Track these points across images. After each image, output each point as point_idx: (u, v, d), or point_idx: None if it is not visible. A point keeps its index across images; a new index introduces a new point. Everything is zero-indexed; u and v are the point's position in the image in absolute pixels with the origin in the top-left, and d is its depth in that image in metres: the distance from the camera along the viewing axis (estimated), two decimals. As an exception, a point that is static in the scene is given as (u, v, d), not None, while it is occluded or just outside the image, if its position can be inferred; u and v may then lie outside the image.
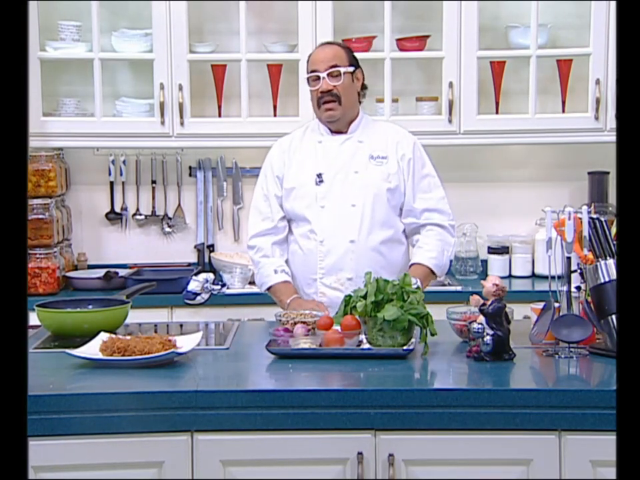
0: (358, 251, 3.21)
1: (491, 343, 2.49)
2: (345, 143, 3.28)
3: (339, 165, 3.25)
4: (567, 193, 4.44)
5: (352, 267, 3.20)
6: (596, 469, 2.23)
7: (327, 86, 3.19)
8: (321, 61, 3.22)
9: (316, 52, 3.31)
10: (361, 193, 3.23)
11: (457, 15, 4.12)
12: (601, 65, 4.11)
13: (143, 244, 4.56)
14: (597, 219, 2.60)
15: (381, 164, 3.26)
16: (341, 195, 3.23)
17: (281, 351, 2.61)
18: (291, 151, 3.32)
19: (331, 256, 3.22)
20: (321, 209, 3.23)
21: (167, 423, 2.25)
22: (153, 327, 3.19)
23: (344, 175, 3.25)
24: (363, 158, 3.26)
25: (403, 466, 2.27)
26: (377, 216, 3.23)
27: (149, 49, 4.22)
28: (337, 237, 3.22)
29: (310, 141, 3.32)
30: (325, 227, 3.22)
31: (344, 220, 3.22)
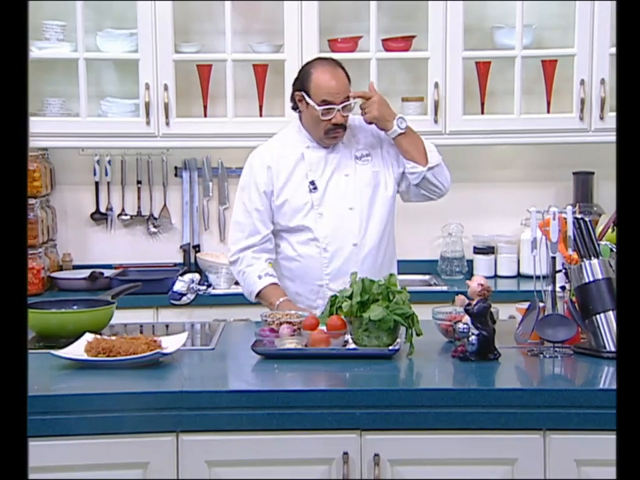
0: (361, 253, 3.22)
1: (476, 343, 2.50)
2: (332, 150, 3.27)
3: (329, 170, 3.25)
4: (552, 193, 4.45)
5: (356, 269, 3.12)
6: (580, 468, 2.24)
7: (341, 119, 3.17)
8: (337, 93, 3.15)
9: (327, 79, 3.17)
10: (355, 195, 3.23)
11: (443, 15, 4.13)
12: (586, 66, 4.12)
13: (128, 244, 4.55)
14: (581, 219, 2.61)
15: (366, 162, 3.27)
16: (337, 200, 3.23)
17: (266, 351, 2.61)
18: (275, 165, 3.25)
19: (336, 261, 3.21)
20: (320, 215, 3.22)
21: (152, 423, 2.25)
22: (138, 328, 3.19)
23: (336, 180, 3.24)
24: (349, 160, 3.26)
25: (388, 466, 2.27)
26: (374, 216, 3.24)
27: (134, 48, 4.21)
28: (340, 242, 3.21)
29: (294, 148, 3.27)
30: (327, 233, 3.21)
31: (344, 224, 3.22)
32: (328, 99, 3.14)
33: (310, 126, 3.24)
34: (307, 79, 3.19)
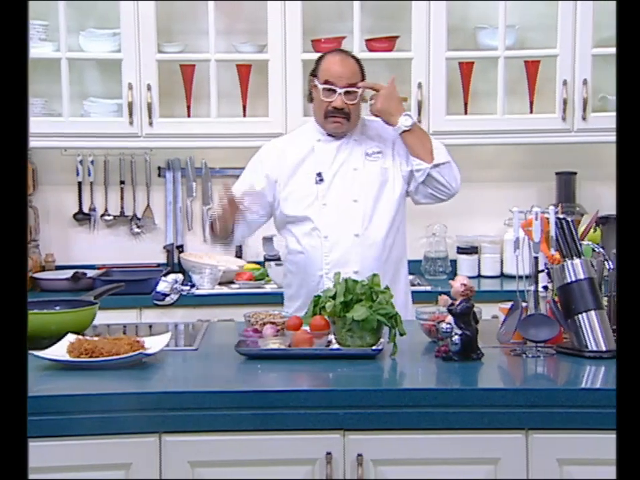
0: (363, 244, 3.23)
1: (459, 343, 2.50)
2: (343, 144, 3.30)
3: (337, 163, 3.28)
4: (535, 193, 4.46)
5: (357, 261, 3.22)
6: (562, 468, 2.25)
7: (341, 104, 3.20)
8: (340, 75, 3.20)
9: (334, 62, 3.25)
10: (361, 189, 3.25)
11: (426, 15, 4.14)
12: (568, 66, 4.14)
13: (111, 244, 4.54)
14: (563, 219, 2.62)
15: (376, 159, 3.29)
16: (342, 192, 3.25)
17: (249, 351, 2.61)
18: (286, 155, 3.31)
19: (336, 251, 3.23)
20: (323, 206, 3.24)
21: (135, 424, 2.24)
22: (121, 328, 3.17)
23: (343, 173, 3.27)
24: (360, 156, 3.29)
25: (371, 466, 2.27)
26: (380, 210, 3.25)
27: (117, 48, 4.20)
28: (341, 232, 3.23)
29: (306, 140, 3.32)
30: (328, 223, 3.23)
31: (347, 215, 3.24)
32: (330, 80, 3.19)
33: (315, 110, 3.29)
34: (318, 63, 3.29)
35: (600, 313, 2.55)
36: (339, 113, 3.21)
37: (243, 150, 4.37)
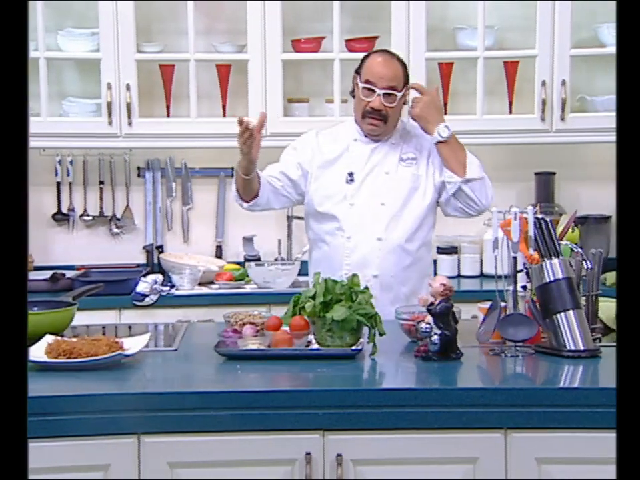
0: (385, 248, 3.23)
1: (439, 343, 2.51)
2: (379, 145, 3.30)
3: (370, 165, 3.28)
4: (514, 194, 4.48)
5: (378, 265, 3.22)
6: (541, 466, 2.25)
7: (380, 105, 3.19)
8: (382, 77, 3.19)
9: (377, 63, 3.23)
10: (390, 193, 3.25)
11: (405, 16, 4.15)
12: (547, 67, 4.16)
13: (90, 245, 4.52)
14: (542, 219, 2.63)
15: (410, 165, 3.29)
16: (371, 194, 3.26)
17: (229, 352, 2.60)
18: (321, 149, 3.32)
19: (357, 252, 3.23)
20: (350, 206, 3.25)
21: (113, 425, 2.23)
22: (100, 329, 3.16)
23: (374, 176, 3.28)
24: (394, 160, 3.29)
25: (351, 466, 2.27)
26: (406, 216, 3.26)
27: (95, 48, 4.18)
28: (364, 234, 3.23)
29: (343, 138, 3.33)
30: (353, 224, 3.24)
31: (372, 217, 3.24)
32: (371, 80, 3.18)
33: (355, 108, 3.29)
34: (363, 62, 3.27)
35: (578, 313, 2.56)
36: (376, 114, 3.20)
37: (222, 150, 4.39)
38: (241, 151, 3.14)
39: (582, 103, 4.33)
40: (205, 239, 4.58)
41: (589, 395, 2.26)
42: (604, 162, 4.54)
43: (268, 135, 4.18)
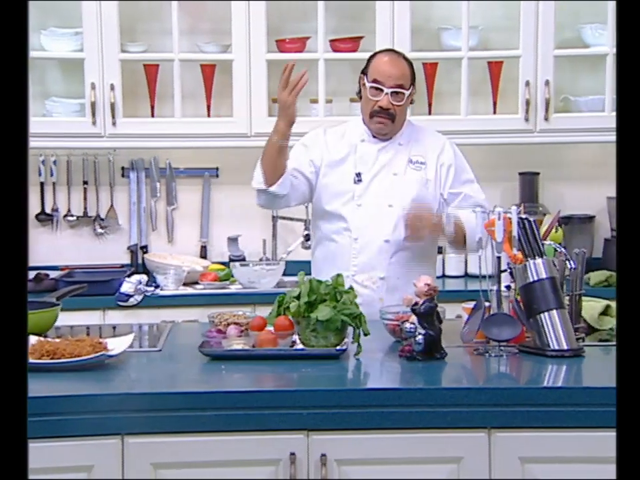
0: (392, 250, 3.22)
1: (423, 343, 2.51)
2: (387, 146, 3.28)
3: (378, 166, 3.26)
4: (498, 193, 4.49)
5: (384, 266, 3.22)
6: (524, 466, 2.26)
7: (387, 104, 3.19)
8: (389, 76, 3.18)
9: (384, 62, 3.23)
10: (398, 194, 3.23)
11: (390, 16, 4.15)
12: (531, 67, 4.18)
13: (74, 245, 4.51)
14: (525, 219, 2.63)
15: (419, 169, 3.27)
16: (378, 195, 3.24)
17: (213, 352, 2.60)
18: (329, 148, 3.29)
19: (364, 254, 3.22)
20: (358, 207, 3.24)
21: (97, 426, 2.23)
22: (85, 330, 3.14)
23: (382, 176, 3.26)
24: (402, 161, 3.27)
25: (335, 466, 2.27)
26: None
27: (79, 48, 4.17)
28: (372, 236, 3.22)
29: (351, 138, 3.31)
30: (360, 225, 3.23)
31: (380, 219, 3.22)
32: (379, 79, 3.18)
33: (362, 108, 3.28)
34: (369, 61, 3.28)
35: (562, 312, 2.57)
36: (384, 113, 3.19)
37: (207, 150, 4.39)
38: (283, 105, 3.07)
39: (565, 103, 4.35)
40: (189, 239, 4.57)
41: (573, 394, 2.27)
42: (588, 162, 4.58)
43: (253, 134, 4.19)
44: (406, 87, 3.21)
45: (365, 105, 3.26)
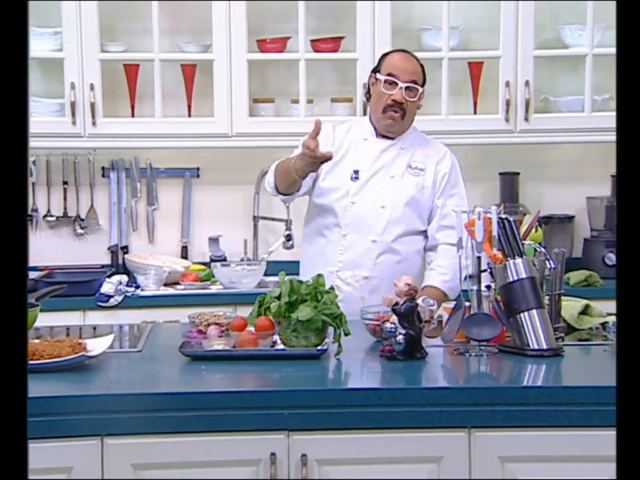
0: (378, 251, 3.23)
1: (403, 342, 2.51)
2: (389, 148, 3.29)
3: (377, 166, 3.27)
4: (479, 194, 4.49)
5: (369, 266, 3.23)
6: (504, 465, 2.26)
7: (401, 98, 3.19)
8: (404, 70, 3.21)
9: (399, 58, 3.27)
10: (392, 197, 3.25)
11: (371, 16, 4.16)
12: (511, 68, 4.19)
13: (54, 246, 4.48)
14: (505, 219, 2.64)
15: (417, 175, 3.28)
16: (373, 195, 3.25)
17: (193, 352, 2.60)
18: (333, 143, 3.28)
19: (351, 251, 3.23)
20: (351, 204, 3.24)
21: (76, 427, 2.21)
22: (64, 330, 3.13)
23: (380, 177, 3.27)
24: (402, 165, 3.28)
25: (315, 466, 2.27)
26: (403, 222, 3.25)
27: (58, 47, 4.15)
28: (360, 234, 3.23)
29: (354, 137, 3.32)
30: (350, 222, 3.24)
31: (371, 219, 3.24)
32: (394, 72, 3.20)
33: (374, 104, 3.27)
34: (382, 60, 3.30)
35: (541, 312, 2.57)
36: (397, 106, 3.20)
37: (188, 150, 4.38)
38: (311, 154, 2.98)
39: (545, 103, 4.37)
40: (170, 240, 4.56)
41: (552, 393, 2.28)
42: (568, 162, 4.60)
43: (234, 135, 4.19)
44: (419, 83, 3.24)
45: (376, 101, 3.25)
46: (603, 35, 4.26)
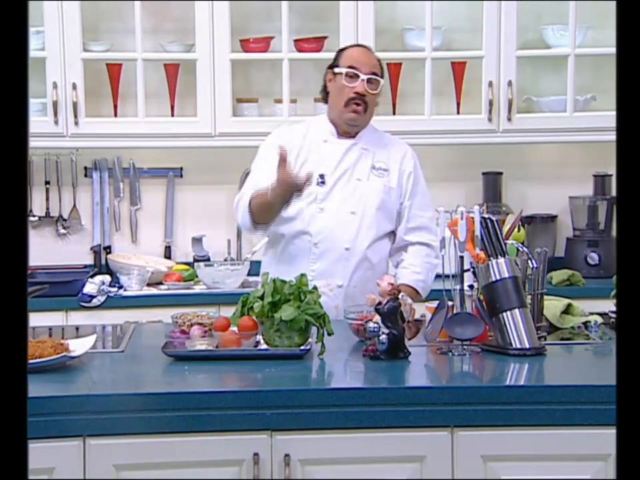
0: (351, 259, 3.17)
1: (386, 342, 2.51)
2: (351, 149, 3.23)
3: (342, 169, 3.20)
4: (462, 193, 4.51)
5: (343, 275, 3.16)
6: (487, 464, 2.27)
7: (364, 90, 3.13)
8: (364, 63, 3.17)
9: (357, 51, 3.24)
10: (361, 201, 3.18)
11: (354, 16, 4.16)
12: (493, 68, 4.20)
13: (36, 246, 4.45)
14: (488, 219, 2.65)
15: (382, 175, 3.22)
16: (341, 201, 3.18)
17: (176, 352, 2.59)
18: (292, 147, 3.18)
19: (323, 260, 3.17)
20: (320, 211, 3.17)
21: (58, 428, 2.20)
22: (47, 331, 3.12)
23: (346, 180, 3.20)
24: (366, 167, 3.22)
25: (298, 466, 2.27)
26: (373, 228, 3.19)
27: (40, 46, 4.13)
28: (333, 242, 3.16)
29: (314, 139, 3.25)
30: (321, 230, 3.16)
31: (342, 226, 3.16)
32: (354, 65, 3.15)
33: (334, 100, 3.20)
34: (339, 55, 3.26)
35: (524, 311, 2.58)
36: (360, 99, 3.14)
37: (171, 150, 4.37)
38: (293, 185, 2.93)
39: (528, 103, 4.38)
40: (153, 240, 4.55)
41: (534, 392, 2.29)
42: (550, 162, 4.62)
43: (217, 134, 4.18)
44: (379, 75, 3.20)
45: (337, 96, 3.19)
46: (585, 35, 4.28)
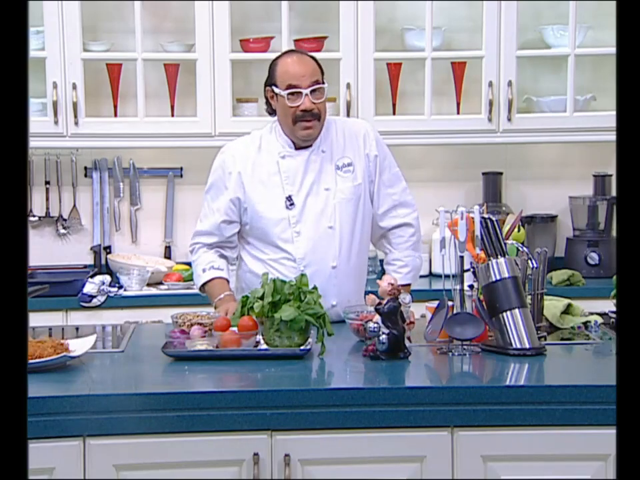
0: (340, 276, 3.06)
1: (387, 342, 2.52)
2: (311, 157, 3.06)
3: (307, 184, 3.05)
4: (462, 193, 4.52)
5: (335, 294, 3.05)
6: (487, 464, 2.27)
7: (310, 105, 2.95)
8: (302, 75, 2.96)
9: (292, 63, 3.00)
10: (335, 212, 3.05)
11: (354, 16, 4.16)
12: (493, 68, 4.20)
13: (36, 246, 4.45)
14: (488, 219, 2.65)
15: (348, 172, 3.07)
16: (315, 218, 3.04)
17: (176, 352, 2.59)
18: (248, 171, 3.06)
19: (313, 282, 2.87)
20: (297, 234, 3.03)
21: (58, 428, 2.21)
22: (47, 331, 3.12)
23: (315, 195, 3.05)
24: (330, 171, 3.06)
25: (299, 466, 2.27)
26: (356, 236, 3.09)
27: (40, 46, 4.13)
28: (319, 264, 3.03)
29: (270, 155, 3.07)
30: (305, 254, 3.03)
31: (323, 244, 3.04)
32: (293, 83, 2.96)
33: (282, 119, 3.04)
34: (273, 70, 3.04)
35: (524, 311, 2.58)
36: (309, 115, 2.97)
37: (171, 150, 4.37)
38: None
39: (528, 103, 4.38)
40: (153, 240, 4.55)
41: (534, 392, 2.29)
42: (550, 162, 4.62)
43: (217, 134, 4.18)
44: (321, 81, 3.00)
45: (283, 115, 3.01)
46: (584, 35, 4.28)
